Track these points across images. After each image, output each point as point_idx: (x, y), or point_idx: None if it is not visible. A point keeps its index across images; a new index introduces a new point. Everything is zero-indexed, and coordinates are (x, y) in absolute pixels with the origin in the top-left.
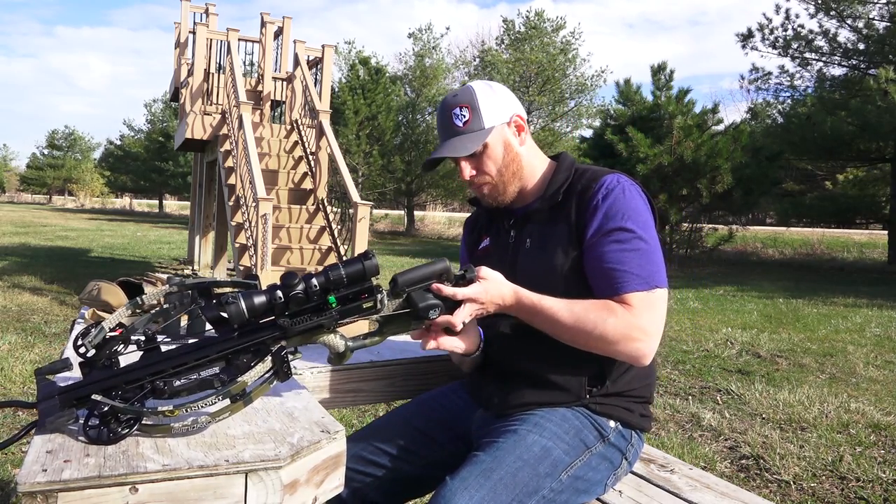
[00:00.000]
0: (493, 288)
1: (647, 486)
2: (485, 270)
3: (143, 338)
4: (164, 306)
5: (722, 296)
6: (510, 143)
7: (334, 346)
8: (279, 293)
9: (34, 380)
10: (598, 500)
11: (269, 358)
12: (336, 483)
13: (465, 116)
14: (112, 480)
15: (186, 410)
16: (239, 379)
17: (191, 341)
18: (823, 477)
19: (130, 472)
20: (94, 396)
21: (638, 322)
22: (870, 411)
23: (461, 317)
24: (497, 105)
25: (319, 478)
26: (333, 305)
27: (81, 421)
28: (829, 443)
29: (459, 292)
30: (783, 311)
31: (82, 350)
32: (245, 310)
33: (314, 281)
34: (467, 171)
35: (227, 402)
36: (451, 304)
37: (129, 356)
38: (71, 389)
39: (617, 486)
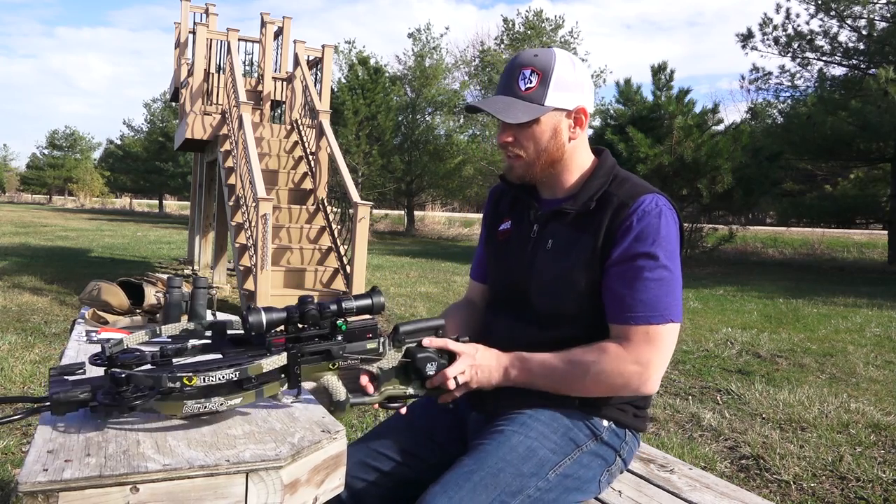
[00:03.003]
0: (482, 356)
1: (647, 486)
2: (475, 346)
3: (157, 351)
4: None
5: (722, 296)
6: (560, 133)
7: (336, 390)
8: (295, 308)
9: (32, 382)
10: (596, 499)
11: (284, 354)
12: (337, 483)
13: (531, 82)
14: (113, 480)
15: (204, 380)
16: (256, 361)
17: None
18: (823, 477)
19: (131, 471)
20: (112, 370)
21: (638, 356)
22: (870, 411)
23: (454, 371)
24: (569, 88)
25: (320, 477)
26: (342, 329)
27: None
28: (829, 443)
29: (451, 344)
30: (783, 311)
31: (98, 361)
32: (264, 320)
33: (329, 305)
34: (505, 136)
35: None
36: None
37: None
38: (85, 381)
39: (617, 486)
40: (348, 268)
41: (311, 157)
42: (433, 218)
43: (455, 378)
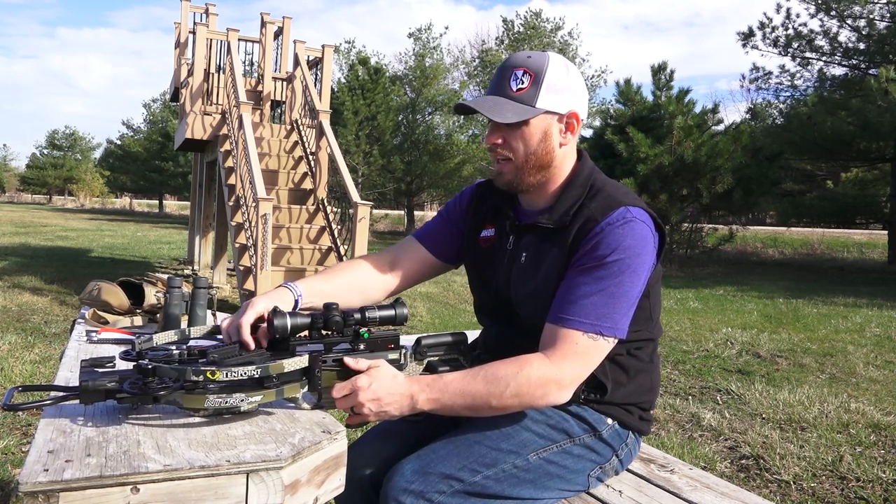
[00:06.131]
0: (381, 386)
1: (647, 486)
2: (376, 373)
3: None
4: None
5: (722, 296)
6: (550, 137)
7: None
8: (320, 314)
9: (32, 382)
10: (594, 497)
11: (306, 356)
12: (337, 483)
13: (523, 83)
14: (113, 480)
15: (226, 375)
16: (278, 361)
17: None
18: (823, 477)
19: (132, 472)
20: (139, 362)
21: (560, 363)
22: (870, 411)
23: (340, 391)
24: (562, 91)
25: (321, 478)
26: (365, 337)
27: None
28: (829, 443)
29: (350, 362)
30: (783, 311)
31: (128, 356)
32: (289, 324)
33: (353, 314)
34: (494, 137)
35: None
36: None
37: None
38: (113, 373)
39: (617, 486)
40: None
41: (311, 157)
42: None
43: (351, 408)
